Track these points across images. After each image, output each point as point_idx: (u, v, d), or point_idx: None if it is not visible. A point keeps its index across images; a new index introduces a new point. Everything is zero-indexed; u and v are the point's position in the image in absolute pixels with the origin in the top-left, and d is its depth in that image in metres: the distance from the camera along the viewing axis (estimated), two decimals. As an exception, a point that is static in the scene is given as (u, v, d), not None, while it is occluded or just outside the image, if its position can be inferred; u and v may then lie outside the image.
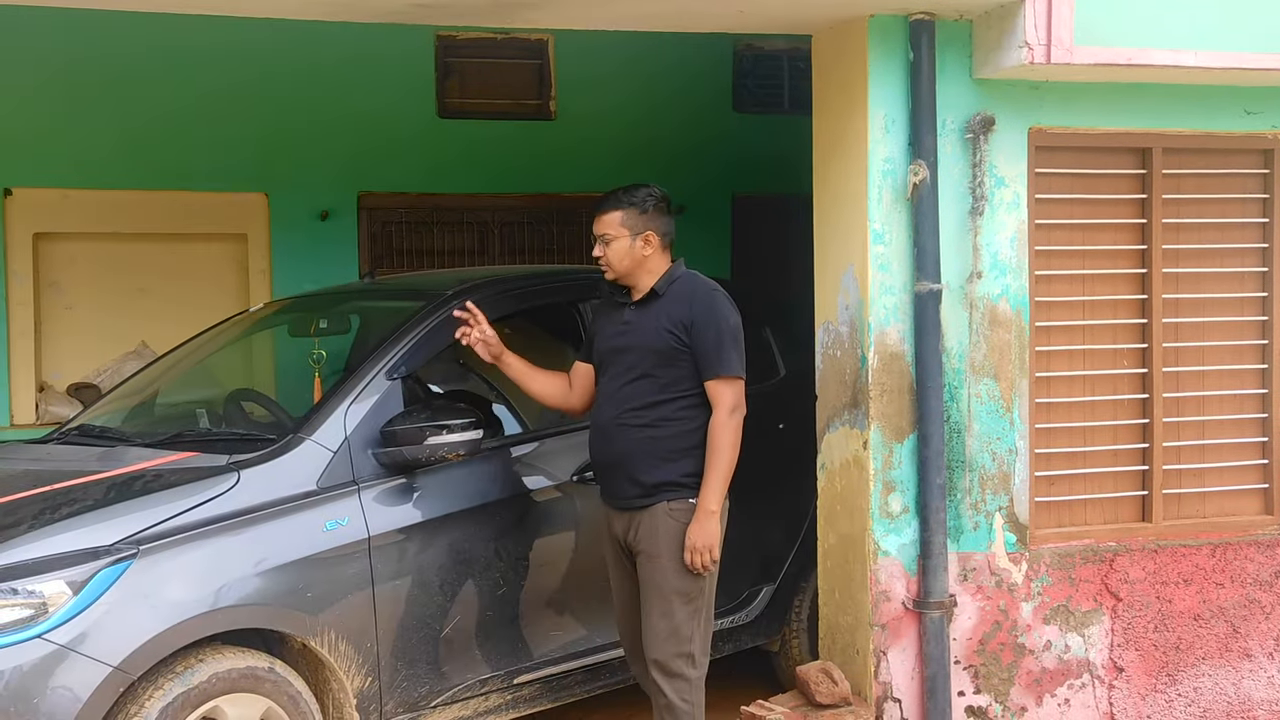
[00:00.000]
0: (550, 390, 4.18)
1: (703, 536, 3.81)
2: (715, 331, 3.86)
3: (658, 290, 3.95)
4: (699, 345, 3.86)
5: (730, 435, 3.84)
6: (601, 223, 3.97)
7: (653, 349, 3.89)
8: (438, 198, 7.74)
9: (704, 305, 3.91)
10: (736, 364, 3.88)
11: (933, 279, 4.36)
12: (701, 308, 3.90)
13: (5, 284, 7.03)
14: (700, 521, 3.82)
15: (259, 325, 5.42)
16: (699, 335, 3.86)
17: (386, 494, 4.04)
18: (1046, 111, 4.56)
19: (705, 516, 3.81)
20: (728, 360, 3.86)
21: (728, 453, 3.84)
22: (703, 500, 3.82)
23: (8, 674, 3.30)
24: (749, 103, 8.38)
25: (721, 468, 3.83)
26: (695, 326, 3.87)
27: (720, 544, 3.89)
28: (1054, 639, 4.60)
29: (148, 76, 7.12)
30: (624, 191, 3.99)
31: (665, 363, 3.88)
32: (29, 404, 7.08)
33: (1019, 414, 4.54)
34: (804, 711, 4.34)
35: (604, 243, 3.96)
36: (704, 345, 3.86)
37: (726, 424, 3.84)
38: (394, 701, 3.98)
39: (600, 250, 3.98)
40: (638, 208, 3.96)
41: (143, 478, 3.87)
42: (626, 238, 3.94)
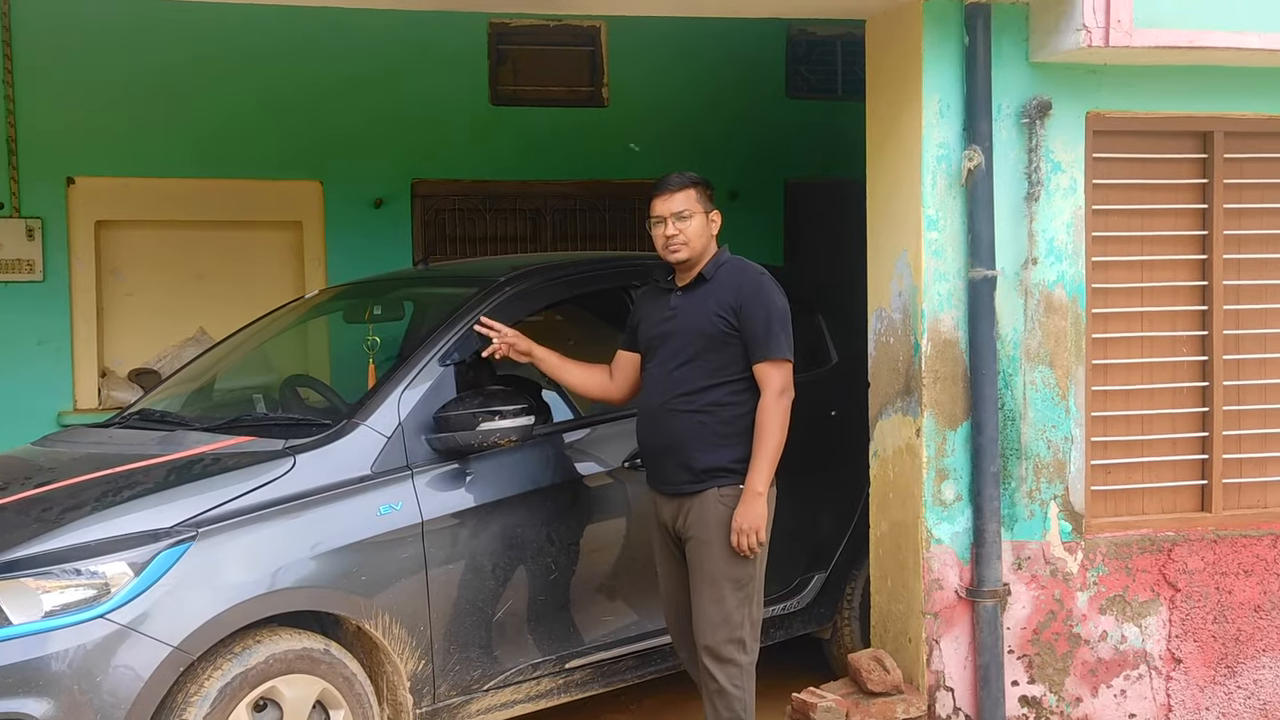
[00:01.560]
0: (588, 381, 4.20)
1: (749, 518, 3.80)
2: (764, 314, 3.86)
3: (705, 275, 3.96)
4: (747, 328, 3.86)
5: (778, 418, 3.83)
6: (677, 199, 3.95)
7: (702, 333, 3.89)
8: (490, 184, 7.77)
9: (752, 289, 3.90)
10: (785, 346, 3.88)
11: (987, 265, 4.32)
12: (750, 291, 3.90)
13: (69, 271, 7.15)
14: (747, 503, 3.81)
15: (314, 312, 5.47)
16: (747, 318, 3.86)
17: (439, 479, 4.07)
18: (1104, 95, 4.49)
19: (752, 498, 3.81)
20: (776, 343, 3.86)
21: (775, 435, 3.83)
22: (750, 482, 3.82)
23: (71, 653, 3.36)
24: (802, 88, 8.33)
25: (769, 450, 3.83)
26: (744, 310, 3.86)
27: (768, 528, 3.89)
28: (1110, 629, 4.56)
29: (206, 66, 7.21)
30: (688, 174, 4.01)
31: (714, 347, 3.88)
32: (91, 389, 7.20)
33: (1075, 402, 4.49)
34: (855, 699, 4.33)
35: (681, 219, 3.93)
36: (753, 328, 3.85)
37: (775, 406, 3.83)
38: (447, 684, 4.02)
39: (676, 228, 3.93)
40: (705, 188, 4.01)
41: (201, 461, 3.93)
42: (701, 215, 3.96)
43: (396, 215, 7.63)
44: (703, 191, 3.98)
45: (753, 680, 3.91)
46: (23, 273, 7.04)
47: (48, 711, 3.32)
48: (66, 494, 3.81)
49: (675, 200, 3.95)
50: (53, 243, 7.09)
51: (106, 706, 3.36)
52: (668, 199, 3.95)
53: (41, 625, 3.39)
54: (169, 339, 7.34)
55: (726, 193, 8.00)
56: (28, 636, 3.38)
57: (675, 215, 3.94)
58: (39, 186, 7.06)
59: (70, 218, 7.15)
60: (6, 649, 3.36)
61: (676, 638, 4.14)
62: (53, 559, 3.47)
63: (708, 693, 3.90)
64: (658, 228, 3.98)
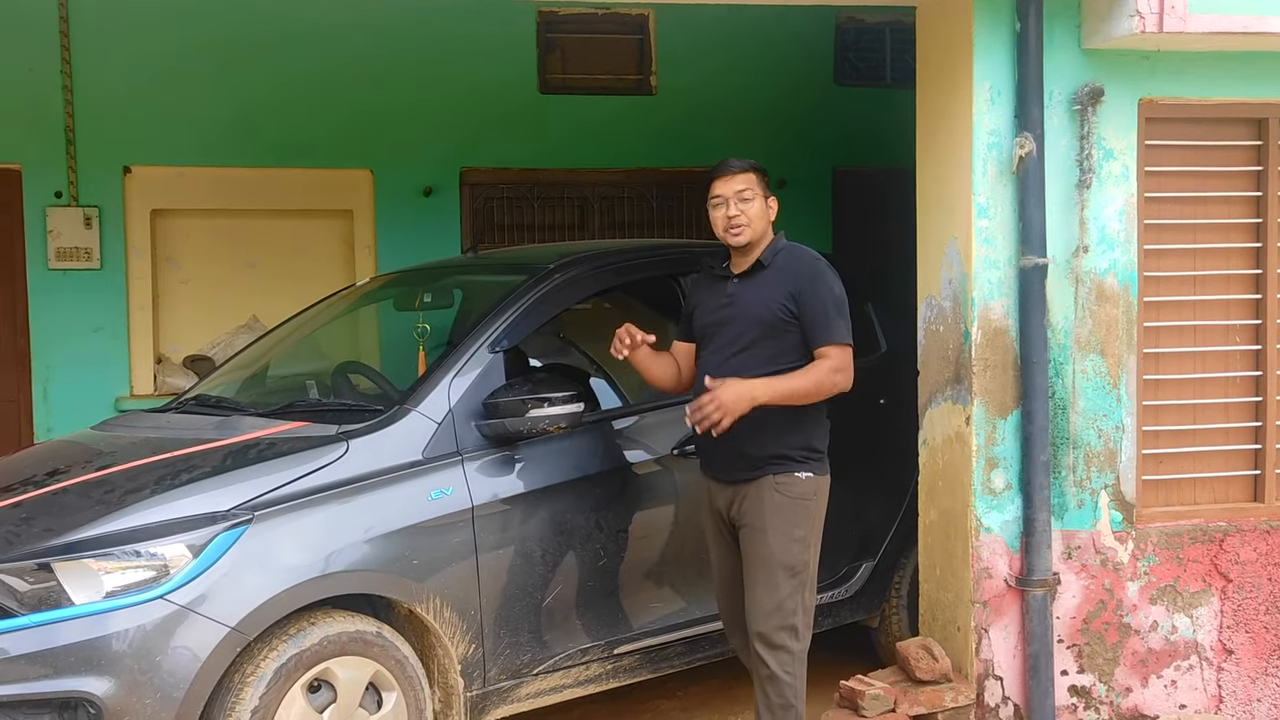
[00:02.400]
0: (667, 374, 4.17)
1: (731, 400, 3.70)
2: (822, 300, 3.86)
3: (763, 261, 3.95)
4: (806, 314, 3.85)
5: (820, 376, 3.80)
6: (738, 180, 3.93)
7: (760, 320, 3.88)
8: (539, 173, 7.81)
9: (810, 275, 3.90)
10: (844, 331, 3.87)
11: (1038, 253, 4.30)
12: (809, 277, 3.89)
13: (125, 259, 7.27)
14: (739, 389, 3.73)
15: (365, 299, 5.53)
16: (806, 304, 3.85)
17: (489, 465, 4.10)
18: (1157, 82, 4.45)
19: (746, 392, 3.73)
20: (836, 328, 3.85)
21: (806, 384, 3.79)
22: (753, 381, 3.75)
23: (131, 633, 3.43)
24: (850, 76, 8.30)
25: (793, 384, 3.79)
26: (802, 296, 3.86)
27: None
28: (1161, 619, 4.53)
29: (259, 56, 7.30)
30: (745, 160, 4.00)
31: (772, 334, 3.87)
32: (147, 375, 7.33)
33: (1126, 390, 4.46)
34: (904, 687, 4.33)
35: (744, 200, 3.91)
36: (812, 314, 3.85)
37: (826, 371, 3.81)
38: (497, 668, 4.06)
39: (738, 209, 3.91)
40: (764, 174, 4.00)
41: (257, 446, 3.99)
42: (761, 198, 3.96)
43: (446, 204, 7.69)
44: (762, 177, 3.98)
45: (804, 667, 3.92)
46: (81, 261, 7.17)
47: (109, 690, 3.39)
48: (126, 477, 3.88)
49: (737, 181, 3.93)
50: (110, 231, 7.22)
51: (165, 686, 3.42)
52: (729, 180, 3.94)
53: (102, 606, 3.46)
54: (222, 326, 7.45)
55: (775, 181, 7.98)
56: (89, 616, 3.44)
57: (737, 195, 3.92)
58: (96, 175, 7.19)
59: (127, 206, 7.27)
60: (69, 628, 3.42)
61: (728, 624, 4.16)
62: (113, 541, 3.53)
63: (759, 679, 3.91)
64: (719, 209, 3.95)
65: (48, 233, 7.11)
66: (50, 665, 3.40)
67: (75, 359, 7.15)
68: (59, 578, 3.48)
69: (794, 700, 3.87)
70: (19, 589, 3.48)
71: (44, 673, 3.40)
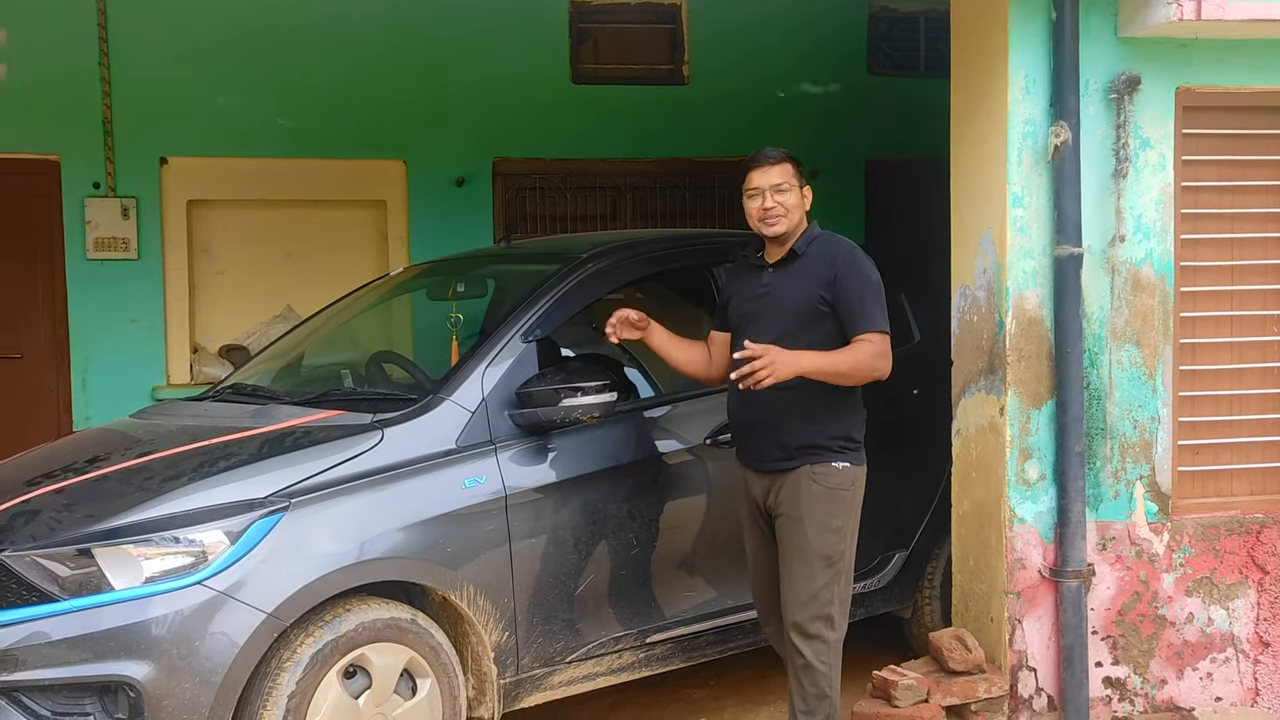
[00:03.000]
0: (693, 360, 4.18)
1: (782, 363, 3.67)
2: (858, 288, 3.84)
3: (798, 250, 3.94)
4: (843, 303, 3.84)
5: (862, 357, 3.77)
6: (774, 172, 3.92)
7: (796, 310, 3.87)
8: (571, 163, 7.83)
9: (846, 263, 3.88)
10: (881, 319, 3.85)
11: (1073, 242, 4.27)
12: (845, 265, 3.87)
13: (162, 250, 7.35)
14: (788, 354, 3.70)
15: (399, 289, 5.56)
16: (842, 293, 3.84)
17: (522, 454, 4.12)
18: (1195, 70, 4.41)
19: (794, 359, 3.71)
20: (873, 315, 3.84)
21: (848, 362, 3.77)
22: (799, 352, 3.73)
23: (170, 618, 3.46)
24: (884, 65, 8.27)
25: (835, 359, 3.77)
26: (838, 284, 3.84)
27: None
28: (1196, 612, 4.50)
29: (294, 48, 7.35)
30: (781, 150, 3.99)
31: (808, 323, 3.85)
32: (184, 364, 7.40)
33: (1162, 381, 4.43)
34: (936, 678, 4.32)
35: (780, 192, 3.91)
36: (848, 303, 3.83)
37: (868, 353, 3.79)
38: (530, 656, 4.08)
39: (774, 200, 3.90)
40: (799, 164, 4.00)
41: (293, 434, 4.02)
42: (797, 189, 3.95)
43: (478, 194, 7.72)
44: (797, 167, 3.97)
45: (839, 657, 3.92)
46: (118, 251, 7.25)
47: (149, 674, 3.42)
48: (165, 464, 3.92)
49: (773, 173, 3.92)
50: (147, 222, 7.30)
51: (204, 670, 3.46)
52: (765, 171, 3.93)
53: (142, 591, 3.49)
54: (257, 316, 7.52)
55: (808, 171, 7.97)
56: (129, 601, 3.48)
57: (773, 188, 3.91)
58: (134, 166, 7.26)
59: (163, 197, 7.35)
60: (109, 613, 3.46)
61: (763, 613, 4.16)
62: (153, 527, 3.57)
63: (794, 668, 3.92)
64: (754, 200, 3.94)
65: (86, 223, 7.19)
66: (91, 650, 3.44)
67: (113, 348, 7.23)
68: (100, 563, 3.52)
69: (829, 690, 3.87)
70: (60, 574, 3.52)
71: (85, 657, 3.44)
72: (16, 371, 7.33)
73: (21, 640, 3.46)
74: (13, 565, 3.54)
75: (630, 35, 7.94)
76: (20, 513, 3.77)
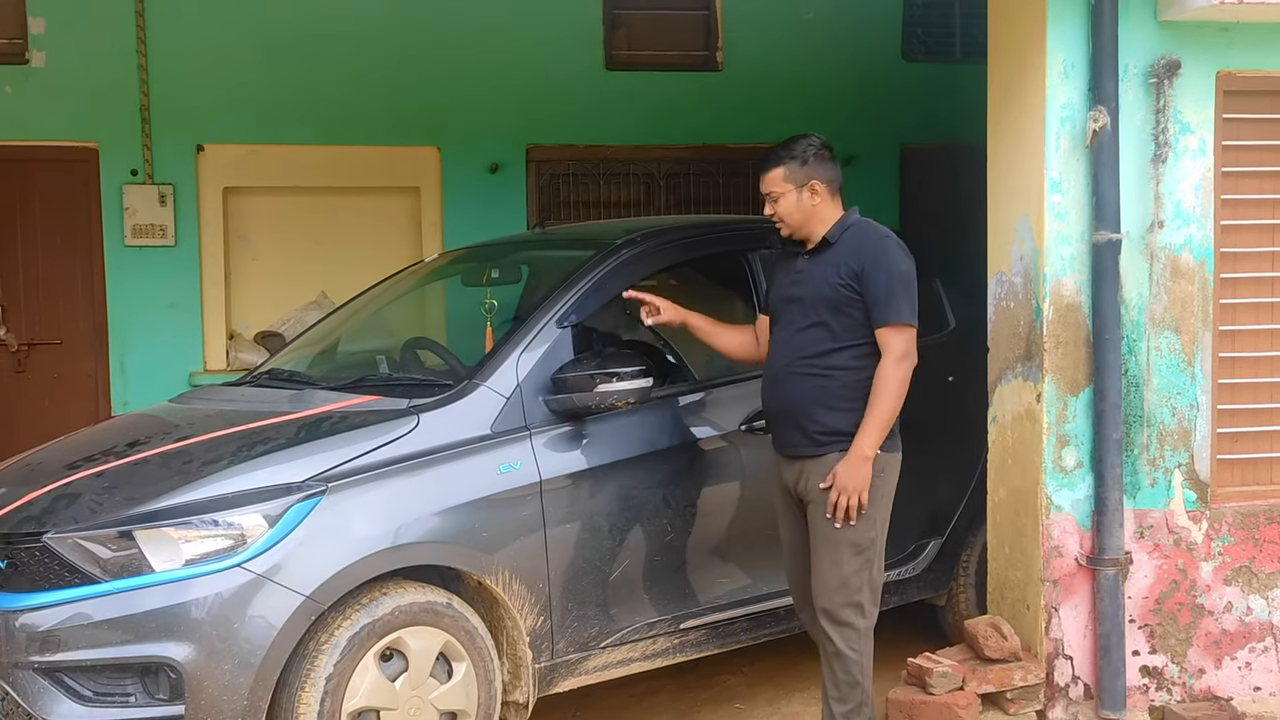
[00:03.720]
0: (738, 344, 4.23)
1: (851, 478, 3.77)
2: (885, 278, 3.83)
3: (829, 239, 3.94)
4: (869, 292, 3.83)
5: (894, 383, 3.80)
6: (766, 181, 3.98)
7: (824, 297, 3.87)
8: (604, 149, 7.82)
9: (874, 252, 3.87)
10: (907, 311, 3.84)
11: (1112, 228, 4.24)
12: (873, 254, 3.87)
13: (198, 236, 7.40)
14: (851, 462, 3.78)
15: (433, 275, 5.58)
16: (869, 282, 3.83)
17: (557, 440, 4.13)
18: (1236, 54, 4.36)
19: (858, 460, 3.77)
20: (897, 307, 3.83)
21: (890, 400, 3.80)
22: (857, 443, 3.79)
23: (210, 600, 3.50)
24: (919, 51, 8.22)
25: (881, 412, 3.79)
26: (865, 273, 3.84)
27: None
28: (1235, 601, 4.46)
29: (329, 36, 7.38)
30: (782, 147, 4.00)
31: (837, 311, 3.86)
32: (220, 350, 7.46)
33: (1201, 368, 4.39)
34: (972, 665, 4.31)
35: (772, 200, 3.98)
36: (874, 292, 3.83)
37: (893, 371, 3.80)
38: (565, 641, 4.10)
39: (771, 208, 3.99)
40: (798, 160, 3.95)
41: (330, 419, 4.04)
42: (793, 192, 3.94)
43: (511, 181, 7.73)
44: (794, 166, 3.93)
45: (870, 644, 3.91)
46: (155, 238, 7.30)
47: (188, 655, 3.46)
48: (204, 448, 3.95)
49: (766, 180, 3.99)
50: (183, 208, 7.35)
51: (243, 653, 3.49)
52: (762, 179, 4.01)
53: (182, 573, 3.53)
54: (292, 302, 7.56)
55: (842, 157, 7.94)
56: (169, 584, 3.52)
57: (768, 196, 3.99)
58: (170, 153, 7.32)
59: (200, 184, 7.40)
60: (150, 595, 3.51)
61: (798, 599, 4.16)
62: (192, 510, 3.61)
63: (825, 655, 3.92)
64: (766, 203, 4.03)
65: (124, 210, 7.26)
66: (132, 631, 3.48)
67: (150, 334, 7.30)
68: (140, 546, 3.56)
69: (860, 677, 3.87)
70: (102, 556, 3.56)
71: (126, 638, 3.49)
72: (56, 357, 7.41)
73: (64, 621, 3.51)
74: (55, 547, 3.59)
75: (664, 22, 7.92)
76: (62, 495, 3.81)
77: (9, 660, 3.52)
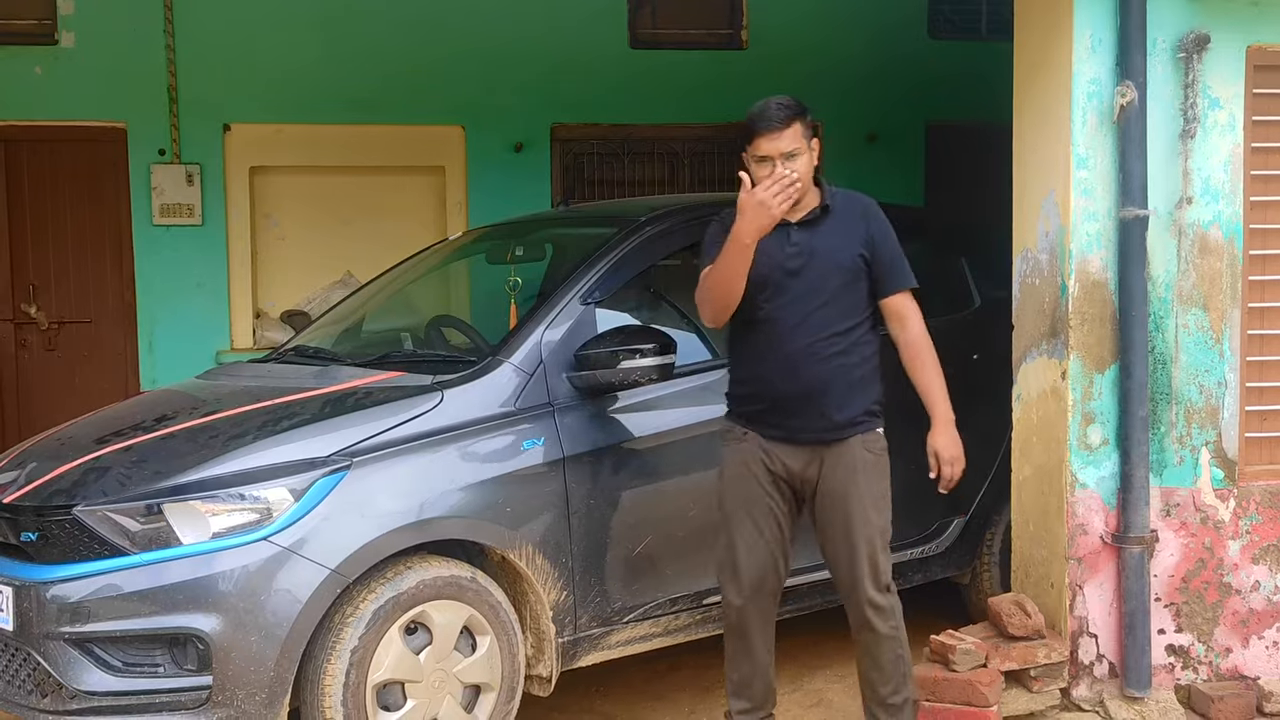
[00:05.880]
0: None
1: (956, 448, 3.76)
2: (892, 244, 3.77)
3: (829, 206, 3.74)
4: (883, 259, 3.74)
5: (931, 353, 3.79)
6: (784, 138, 3.59)
7: (841, 269, 3.70)
8: (629, 128, 7.82)
9: (877, 218, 3.78)
10: (910, 274, 3.81)
11: (1139, 205, 4.20)
12: (877, 222, 3.77)
13: (225, 216, 7.45)
14: (949, 434, 3.75)
15: (457, 253, 5.59)
16: (880, 249, 3.74)
17: (580, 416, 4.13)
18: (1267, 28, 4.30)
19: (951, 428, 3.76)
20: (906, 271, 3.79)
21: (938, 371, 3.78)
22: (943, 413, 3.75)
23: (236, 573, 3.53)
24: (944, 28, 8.16)
25: (940, 375, 3.77)
26: (875, 241, 3.74)
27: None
28: (1263, 579, 4.43)
29: (355, 15, 7.40)
30: (791, 100, 3.66)
31: (849, 284, 3.72)
32: (247, 329, 7.51)
33: (1229, 346, 4.36)
34: (995, 643, 4.30)
35: (788, 160, 3.59)
36: (887, 259, 3.75)
37: (927, 342, 3.79)
38: (587, 615, 4.11)
39: (786, 170, 3.55)
40: (807, 115, 3.67)
41: (354, 394, 4.06)
42: (807, 151, 3.65)
43: (536, 160, 7.74)
44: (805, 121, 3.65)
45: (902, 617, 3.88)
46: (183, 217, 7.36)
47: (216, 627, 3.50)
48: (230, 423, 3.98)
49: (785, 137, 3.59)
50: (210, 188, 7.40)
51: (269, 624, 3.52)
52: (777, 135, 3.59)
53: (209, 546, 3.56)
54: (318, 281, 7.61)
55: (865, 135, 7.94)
56: (197, 556, 3.55)
57: (784, 156, 3.60)
58: (198, 133, 7.37)
59: (227, 164, 7.45)
60: (178, 567, 3.54)
61: (752, 587, 3.84)
62: (219, 484, 3.64)
63: (868, 642, 3.81)
64: (763, 168, 3.59)
65: (152, 189, 7.31)
66: (160, 603, 3.52)
67: (178, 313, 7.36)
68: (168, 518, 3.60)
69: (904, 651, 3.83)
70: (131, 529, 3.60)
71: (155, 609, 3.52)
72: (86, 335, 7.50)
73: (94, 593, 3.55)
74: (85, 520, 3.62)
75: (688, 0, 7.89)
76: (91, 469, 3.85)
77: (40, 631, 3.56)
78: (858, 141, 7.80)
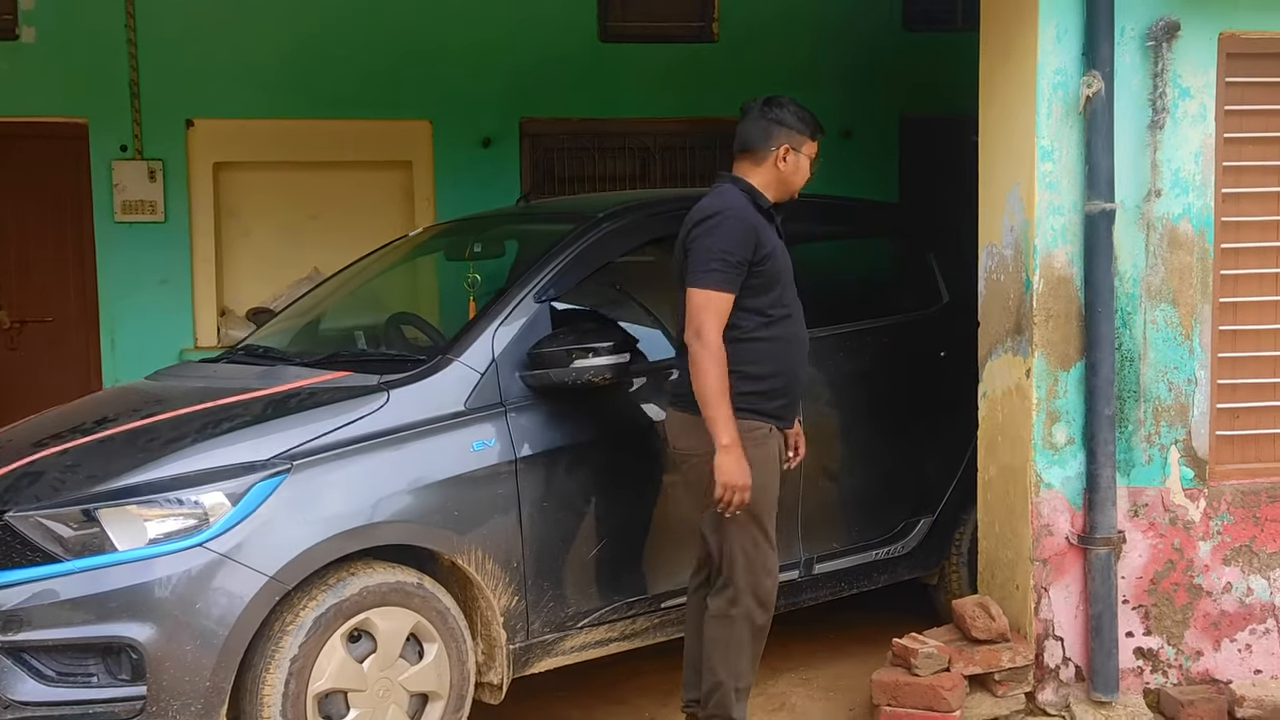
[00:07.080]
0: None
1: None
2: None
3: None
4: None
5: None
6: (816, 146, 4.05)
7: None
8: (599, 123, 7.73)
9: None
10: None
11: (1105, 198, 4.10)
12: None
13: (189, 212, 7.33)
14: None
15: (418, 250, 5.48)
16: None
17: (534, 417, 4.03)
18: (1240, 15, 4.21)
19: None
20: None
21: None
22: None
23: (173, 580, 3.43)
24: (920, 20, 8.07)
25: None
26: None
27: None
28: (1235, 581, 4.34)
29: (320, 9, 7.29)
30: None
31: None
32: (211, 327, 7.41)
33: (1200, 342, 4.26)
34: (959, 646, 4.21)
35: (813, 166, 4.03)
36: None
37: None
38: (540, 621, 4.01)
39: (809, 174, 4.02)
40: None
41: (298, 395, 3.95)
42: None
43: (505, 155, 7.65)
44: None
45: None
46: (145, 214, 7.25)
47: (150, 635, 3.40)
48: (170, 425, 3.88)
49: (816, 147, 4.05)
50: (173, 185, 7.30)
51: (205, 633, 3.42)
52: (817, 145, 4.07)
53: (145, 552, 3.46)
54: (284, 279, 7.50)
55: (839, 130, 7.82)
56: (132, 563, 3.45)
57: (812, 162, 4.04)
58: (160, 129, 7.26)
59: (190, 160, 7.35)
60: (113, 574, 3.44)
61: None
62: (156, 488, 3.54)
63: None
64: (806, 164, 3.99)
65: (113, 186, 7.21)
66: (94, 611, 3.43)
67: (141, 311, 7.25)
68: (103, 524, 3.50)
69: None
70: (64, 535, 3.50)
71: (88, 618, 3.43)
72: (47, 335, 7.39)
73: (26, 600, 3.45)
74: (17, 526, 3.53)
75: (659, -8, 7.81)
76: (25, 474, 3.75)
77: (-27, 640, 3.46)
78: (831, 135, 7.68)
